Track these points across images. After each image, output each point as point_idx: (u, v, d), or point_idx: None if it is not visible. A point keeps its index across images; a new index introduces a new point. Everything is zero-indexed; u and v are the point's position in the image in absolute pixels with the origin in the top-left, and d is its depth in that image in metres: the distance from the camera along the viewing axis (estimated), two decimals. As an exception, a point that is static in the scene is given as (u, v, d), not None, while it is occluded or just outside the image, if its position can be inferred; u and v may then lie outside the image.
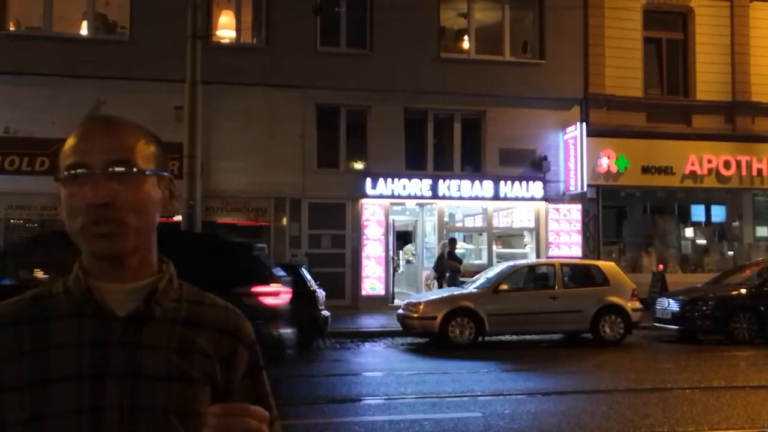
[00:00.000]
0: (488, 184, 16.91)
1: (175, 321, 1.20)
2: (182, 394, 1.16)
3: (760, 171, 18.21)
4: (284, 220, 16.31)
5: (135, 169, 1.17)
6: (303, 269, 12.37)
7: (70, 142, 1.19)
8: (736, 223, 18.97)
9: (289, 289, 8.15)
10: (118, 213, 1.14)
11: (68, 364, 1.13)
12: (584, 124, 17.06)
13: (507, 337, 12.89)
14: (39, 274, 8.03)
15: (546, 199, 17.27)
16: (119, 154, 1.17)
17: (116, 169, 1.15)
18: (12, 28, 15.83)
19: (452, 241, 16.05)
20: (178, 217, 14.38)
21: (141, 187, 1.18)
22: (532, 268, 13.63)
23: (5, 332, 1.16)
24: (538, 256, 16.96)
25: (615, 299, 12.43)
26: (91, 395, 1.12)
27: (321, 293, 11.84)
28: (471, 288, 12.85)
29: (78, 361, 1.13)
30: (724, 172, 18.02)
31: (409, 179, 16.61)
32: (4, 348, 1.15)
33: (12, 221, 15.38)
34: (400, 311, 12.61)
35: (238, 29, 16.21)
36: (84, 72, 14.95)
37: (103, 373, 1.13)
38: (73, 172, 1.15)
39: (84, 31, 16.07)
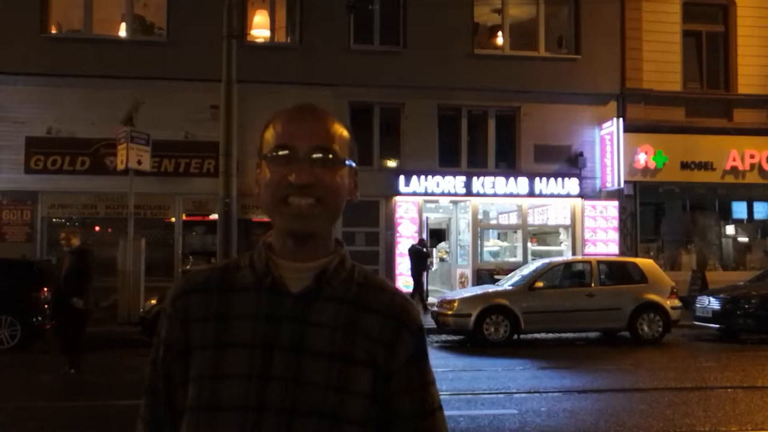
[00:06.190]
0: (523, 181, 16.76)
1: (343, 301, 1.25)
2: (342, 372, 1.20)
3: (804, 166, 17.72)
4: (318, 218, 16.34)
5: (335, 157, 1.25)
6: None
7: (277, 125, 1.26)
8: (779, 220, 18.49)
9: None
10: (316, 193, 1.22)
11: (245, 332, 1.21)
12: (621, 119, 16.78)
13: (542, 335, 12.76)
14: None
15: (582, 195, 17.04)
16: (323, 141, 1.24)
17: (319, 155, 1.22)
18: (54, 31, 16.18)
19: None
20: (214, 216, 14.57)
21: (337, 174, 1.25)
22: (568, 265, 13.46)
23: (197, 297, 1.26)
24: (573, 254, 16.75)
25: (653, 297, 12.21)
26: (261, 364, 1.19)
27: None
28: (506, 285, 12.75)
29: (253, 331, 1.21)
30: (767, 167, 17.57)
31: (443, 176, 16.55)
32: (194, 310, 1.25)
33: (54, 220, 15.72)
34: (434, 308, 12.57)
35: (273, 29, 16.35)
36: (123, 73, 15.21)
37: (272, 344, 1.20)
38: (280, 153, 1.23)
39: (123, 32, 16.36)
